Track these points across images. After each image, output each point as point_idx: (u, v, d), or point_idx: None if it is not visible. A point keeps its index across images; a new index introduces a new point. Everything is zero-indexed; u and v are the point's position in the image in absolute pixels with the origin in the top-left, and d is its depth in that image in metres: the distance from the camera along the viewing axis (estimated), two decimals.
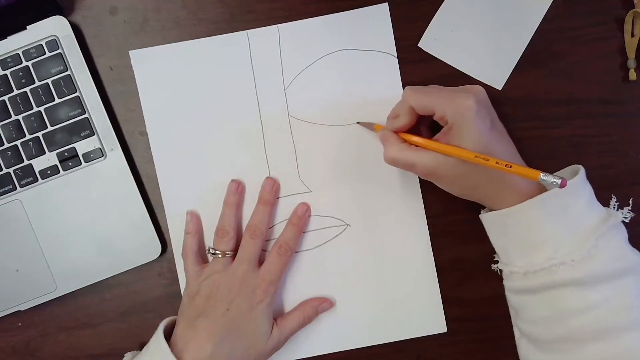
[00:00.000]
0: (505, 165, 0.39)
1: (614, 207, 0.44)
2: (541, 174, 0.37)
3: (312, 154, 0.51)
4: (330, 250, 0.51)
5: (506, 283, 0.45)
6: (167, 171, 0.51)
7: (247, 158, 0.51)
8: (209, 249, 0.49)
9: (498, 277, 0.46)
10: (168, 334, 0.47)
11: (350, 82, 0.51)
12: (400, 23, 0.51)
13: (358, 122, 0.50)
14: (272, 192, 0.50)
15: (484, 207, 0.47)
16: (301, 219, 0.50)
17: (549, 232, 0.41)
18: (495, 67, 0.51)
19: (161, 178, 0.51)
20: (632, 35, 0.50)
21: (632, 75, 0.50)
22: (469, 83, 0.50)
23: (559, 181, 0.36)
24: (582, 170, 0.43)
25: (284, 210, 0.51)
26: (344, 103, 0.50)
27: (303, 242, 0.51)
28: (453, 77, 0.51)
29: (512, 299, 0.45)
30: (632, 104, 0.51)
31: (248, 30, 0.51)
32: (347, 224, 0.51)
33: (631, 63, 0.50)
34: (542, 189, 0.43)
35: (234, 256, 0.48)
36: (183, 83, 0.51)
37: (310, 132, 0.51)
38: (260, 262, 0.49)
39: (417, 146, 0.44)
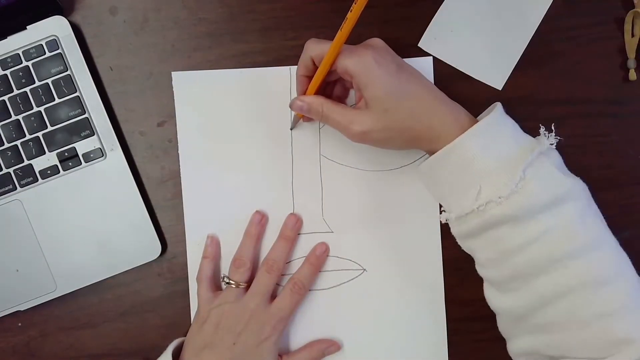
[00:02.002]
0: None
1: (545, 136, 0.42)
2: None
3: (338, 196, 0.51)
4: (344, 293, 0.51)
5: (452, 231, 0.45)
6: (193, 193, 0.51)
7: (274, 191, 0.51)
8: (224, 277, 0.49)
9: None
10: (176, 355, 0.47)
11: None
12: (400, 23, 0.51)
13: (291, 129, 0.51)
14: (294, 229, 0.50)
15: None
16: (319, 258, 0.50)
17: (474, 172, 0.40)
18: (495, 67, 0.51)
19: (186, 199, 0.51)
20: (632, 35, 0.50)
21: (632, 75, 0.50)
22: (469, 83, 0.51)
23: None
24: (498, 105, 0.43)
25: (303, 247, 0.51)
26: (376, 149, 0.50)
27: (318, 282, 0.51)
28: (453, 77, 0.51)
29: (462, 245, 0.45)
30: (632, 104, 0.51)
31: (291, 67, 0.51)
32: (364, 269, 0.51)
33: (631, 63, 0.50)
34: (467, 119, 0.43)
35: (247, 287, 0.48)
36: (220, 110, 0.51)
37: (339, 174, 0.51)
38: (273, 296, 0.49)
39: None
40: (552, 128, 0.42)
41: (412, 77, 0.44)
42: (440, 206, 0.50)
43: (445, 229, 0.51)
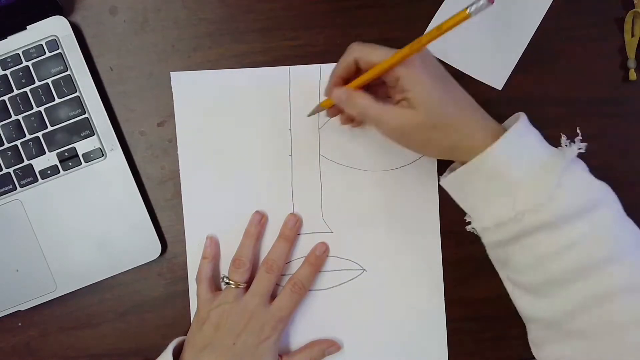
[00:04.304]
0: (443, 32, 0.37)
1: (566, 145, 0.43)
2: (467, 9, 0.34)
3: (338, 196, 0.51)
4: (344, 293, 0.51)
5: (483, 240, 0.45)
6: (192, 194, 0.51)
7: (273, 192, 0.51)
8: (223, 278, 0.49)
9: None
10: (176, 355, 0.47)
11: None
12: (400, 23, 0.51)
13: (308, 115, 0.50)
14: (293, 229, 0.50)
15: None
16: (319, 258, 0.50)
17: (508, 181, 0.40)
18: (495, 67, 0.51)
19: (186, 200, 0.51)
20: (632, 35, 0.50)
21: (632, 75, 0.50)
22: (469, 83, 0.51)
23: (484, 1, 0.33)
24: (523, 115, 0.43)
25: (303, 247, 0.51)
26: (375, 149, 0.50)
27: (317, 282, 0.51)
28: (453, 77, 0.51)
29: (492, 253, 0.45)
30: (632, 104, 0.51)
31: (290, 67, 0.51)
32: (364, 269, 0.51)
33: (631, 63, 0.50)
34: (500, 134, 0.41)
35: (247, 287, 0.48)
36: (220, 110, 0.51)
37: (339, 174, 0.51)
38: (273, 296, 0.49)
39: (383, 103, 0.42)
40: (578, 131, 0.43)
41: (455, 85, 0.43)
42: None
43: (445, 229, 0.51)
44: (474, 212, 0.44)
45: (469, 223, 0.45)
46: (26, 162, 0.50)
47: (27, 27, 0.50)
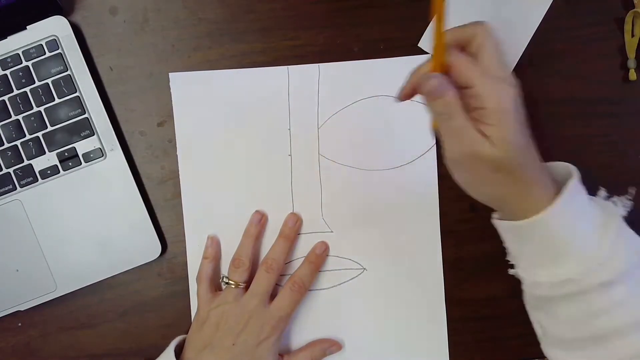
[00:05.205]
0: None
1: (605, 198, 0.43)
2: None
3: (338, 195, 0.51)
4: (344, 292, 0.51)
5: (527, 289, 0.43)
6: (192, 194, 0.51)
7: (273, 191, 0.51)
8: (223, 278, 0.49)
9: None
10: (177, 353, 0.47)
11: (383, 128, 0.51)
12: (400, 23, 0.51)
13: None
14: (293, 228, 0.50)
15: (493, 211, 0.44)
16: (318, 257, 0.50)
17: (569, 239, 0.39)
18: None
19: (185, 200, 0.51)
20: (632, 35, 0.50)
21: (632, 75, 0.50)
22: None
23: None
24: (575, 172, 0.41)
25: (303, 247, 0.51)
26: (375, 149, 0.50)
27: (317, 281, 0.51)
28: None
29: (533, 302, 0.43)
30: (632, 104, 0.51)
31: (289, 66, 0.51)
32: (364, 268, 0.51)
33: (631, 63, 0.50)
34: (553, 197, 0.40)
35: (247, 287, 0.48)
36: (218, 110, 0.51)
37: (338, 173, 0.51)
38: (273, 295, 0.48)
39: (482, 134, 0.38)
40: (632, 191, 0.43)
41: (529, 135, 0.39)
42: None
43: (445, 229, 0.51)
44: (524, 261, 0.42)
45: (512, 266, 0.44)
46: (26, 162, 0.50)
47: (27, 27, 0.50)
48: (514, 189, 0.39)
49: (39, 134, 0.50)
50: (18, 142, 0.50)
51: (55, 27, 0.50)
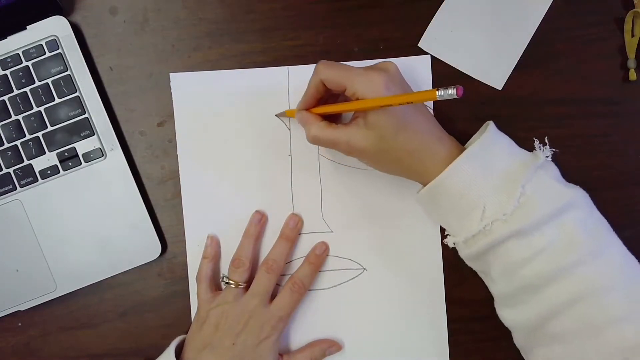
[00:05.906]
0: (407, 102, 0.38)
1: (539, 149, 0.44)
2: (437, 91, 0.36)
3: (338, 195, 0.51)
4: (344, 292, 0.51)
5: (460, 253, 0.45)
6: (192, 194, 0.51)
7: (273, 191, 0.51)
8: (223, 277, 0.49)
9: None
10: (177, 353, 0.47)
11: None
12: (400, 23, 0.51)
13: (276, 115, 0.51)
14: (294, 229, 0.50)
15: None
16: (319, 257, 0.50)
17: (475, 192, 0.41)
18: (495, 67, 0.51)
19: (185, 200, 0.51)
20: (632, 35, 0.50)
21: (632, 75, 0.50)
22: (469, 83, 0.51)
23: (454, 90, 0.35)
24: (491, 124, 0.44)
25: (303, 247, 0.51)
26: None
27: (318, 281, 0.51)
28: (453, 77, 0.51)
29: (472, 266, 0.45)
30: (632, 104, 0.51)
31: (289, 67, 0.51)
32: (364, 268, 0.51)
33: (631, 63, 0.50)
34: (460, 152, 0.42)
35: (247, 287, 0.48)
36: (219, 110, 0.51)
37: (338, 173, 0.51)
38: (273, 295, 0.49)
39: (336, 124, 0.45)
40: (546, 141, 0.44)
41: (416, 110, 0.43)
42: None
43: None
44: (447, 227, 0.45)
45: (447, 236, 0.46)
46: (26, 162, 0.50)
47: (27, 27, 0.50)
48: (410, 158, 0.43)
49: (39, 134, 0.50)
50: (18, 142, 0.50)
51: (55, 27, 0.50)
